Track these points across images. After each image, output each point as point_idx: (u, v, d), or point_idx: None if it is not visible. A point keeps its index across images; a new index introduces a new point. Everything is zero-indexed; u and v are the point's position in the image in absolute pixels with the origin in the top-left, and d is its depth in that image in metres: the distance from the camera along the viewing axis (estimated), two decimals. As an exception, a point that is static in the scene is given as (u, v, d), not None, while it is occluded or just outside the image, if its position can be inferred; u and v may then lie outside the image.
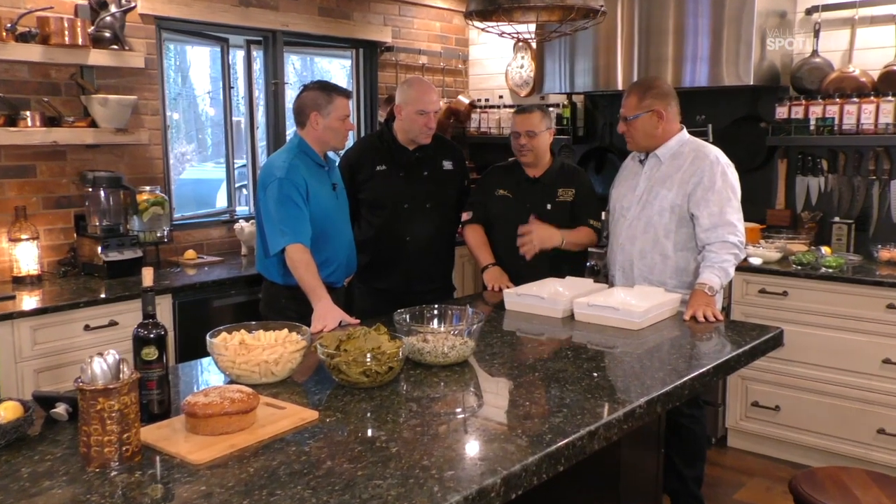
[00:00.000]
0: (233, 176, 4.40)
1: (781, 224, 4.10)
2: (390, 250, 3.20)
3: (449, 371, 2.00)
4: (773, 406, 3.65)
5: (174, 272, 3.55)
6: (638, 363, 2.09)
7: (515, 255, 3.15)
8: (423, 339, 2.04)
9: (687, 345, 2.32)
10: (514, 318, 2.63)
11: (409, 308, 2.23)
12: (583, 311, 2.53)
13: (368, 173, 3.19)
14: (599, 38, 4.24)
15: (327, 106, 2.77)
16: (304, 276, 2.61)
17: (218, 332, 1.97)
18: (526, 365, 2.07)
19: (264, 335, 1.98)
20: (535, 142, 3.12)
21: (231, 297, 3.45)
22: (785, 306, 3.55)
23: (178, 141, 5.26)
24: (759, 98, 4.14)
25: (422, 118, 3.08)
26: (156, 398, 1.65)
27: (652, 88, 2.85)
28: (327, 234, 2.80)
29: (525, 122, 3.12)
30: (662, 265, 2.84)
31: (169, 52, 4.57)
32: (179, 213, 4.08)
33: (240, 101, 4.49)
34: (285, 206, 2.67)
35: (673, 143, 2.86)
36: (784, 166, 4.11)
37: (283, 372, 1.91)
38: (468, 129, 5.23)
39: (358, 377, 1.83)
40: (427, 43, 5.12)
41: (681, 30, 3.96)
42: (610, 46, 4.22)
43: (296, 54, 5.18)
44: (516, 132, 3.15)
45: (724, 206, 2.74)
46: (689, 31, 3.94)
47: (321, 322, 2.46)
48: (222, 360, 1.90)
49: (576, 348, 2.27)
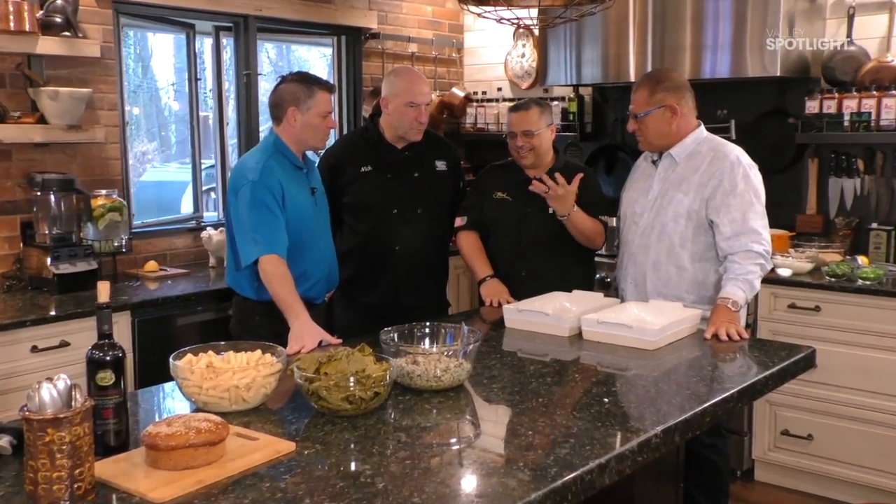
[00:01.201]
0: (199, 178, 4.39)
1: (813, 231, 4.12)
2: (376, 261, 3.20)
3: (442, 397, 2.00)
4: (806, 435, 3.65)
5: (133, 286, 3.54)
6: (653, 387, 2.10)
7: (516, 266, 3.16)
8: (413, 360, 2.04)
9: (708, 366, 2.32)
10: (515, 336, 2.63)
11: (398, 326, 2.23)
12: (592, 328, 2.53)
13: (352, 175, 3.19)
14: (609, 25, 4.26)
15: (307, 100, 2.77)
16: (279, 291, 2.61)
17: (183, 353, 1.97)
18: (528, 390, 2.07)
19: (235, 357, 1.97)
20: (535, 141, 3.11)
21: (197, 314, 3.44)
22: (817, 323, 3.56)
23: (138, 139, 5.25)
24: (786, 91, 4.17)
25: (412, 111, 3.09)
26: (112, 428, 1.64)
27: (663, 81, 2.87)
28: (306, 243, 2.80)
29: (521, 121, 3.10)
30: (678, 278, 2.85)
31: (128, 39, 4.57)
32: (139, 219, 4.07)
33: (207, 94, 4.50)
34: (259, 212, 2.67)
35: (689, 141, 2.88)
36: (815, 166, 4.14)
37: (256, 398, 1.91)
38: (463, 126, 5.24)
39: (340, 404, 1.83)
40: (417, 29, 5.14)
41: (700, 15, 3.99)
42: (621, 33, 4.25)
43: (270, 42, 5.19)
44: (512, 132, 3.13)
45: (747, 211, 2.75)
46: (708, 16, 3.96)
47: (299, 342, 2.45)
48: (187, 385, 1.89)
49: (584, 371, 2.27)
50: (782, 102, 4.20)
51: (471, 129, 5.23)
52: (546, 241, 3.16)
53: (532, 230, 3.17)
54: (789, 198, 4.19)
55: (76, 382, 1.50)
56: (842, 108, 3.86)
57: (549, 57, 4.53)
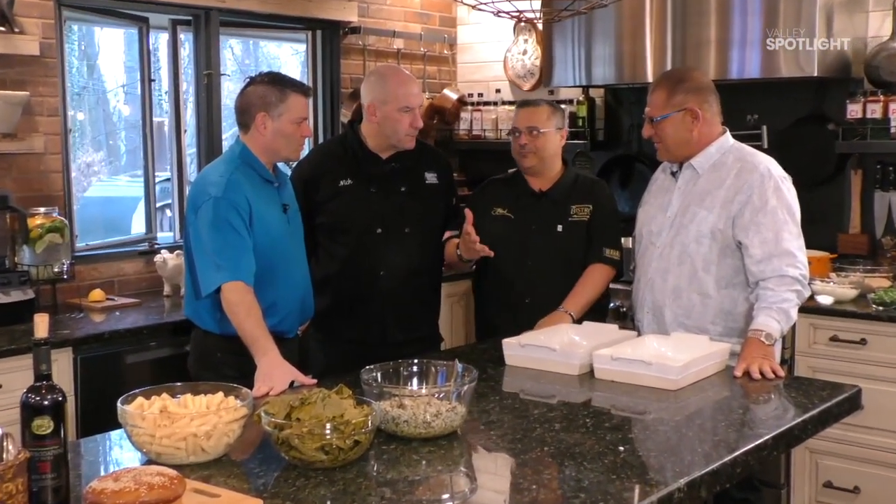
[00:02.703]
0: (153, 193, 4.39)
1: (857, 252, 4.13)
2: (358, 289, 3.20)
3: (432, 446, 1.99)
4: (852, 487, 3.65)
5: (76, 318, 3.53)
6: (676, 433, 2.10)
7: (519, 293, 3.17)
8: (399, 404, 2.04)
9: (738, 409, 2.33)
10: (517, 375, 2.63)
11: (381, 364, 2.23)
12: (605, 366, 2.54)
13: (329, 190, 3.20)
14: (623, 18, 4.29)
15: (279, 105, 2.79)
16: (244, 324, 2.61)
17: (133, 396, 1.96)
18: (532, 437, 2.07)
19: (193, 400, 1.97)
20: (540, 142, 3.16)
21: (150, 350, 3.42)
22: (863, 358, 3.57)
23: (82, 148, 5.27)
24: (825, 93, 4.20)
25: (407, 117, 3.10)
26: (50, 484, 1.63)
27: (684, 81, 2.89)
28: (276, 268, 2.80)
29: (528, 117, 3.18)
30: (702, 306, 2.86)
31: (72, 34, 4.60)
32: (83, 241, 4.07)
33: (163, 96, 4.52)
34: (222, 233, 2.67)
35: (713, 150, 2.90)
36: (859, 179, 4.16)
37: (218, 448, 1.90)
38: (456, 133, 5.27)
39: (314, 454, 1.82)
40: (404, 23, 5.17)
41: (726, 7, 4.02)
42: (637, 28, 4.28)
43: (235, 37, 5.23)
44: (516, 129, 3.20)
45: (780, 230, 2.77)
46: (735, 8, 4.00)
47: (267, 383, 2.45)
48: (138, 433, 1.88)
49: (596, 415, 2.27)
50: (820, 106, 4.23)
51: (465, 136, 5.24)
52: (553, 264, 3.18)
53: (537, 251, 3.19)
54: (829, 215, 4.21)
55: (8, 431, 1.50)
56: (888, 113, 3.89)
57: (555, 54, 4.56)
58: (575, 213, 3.21)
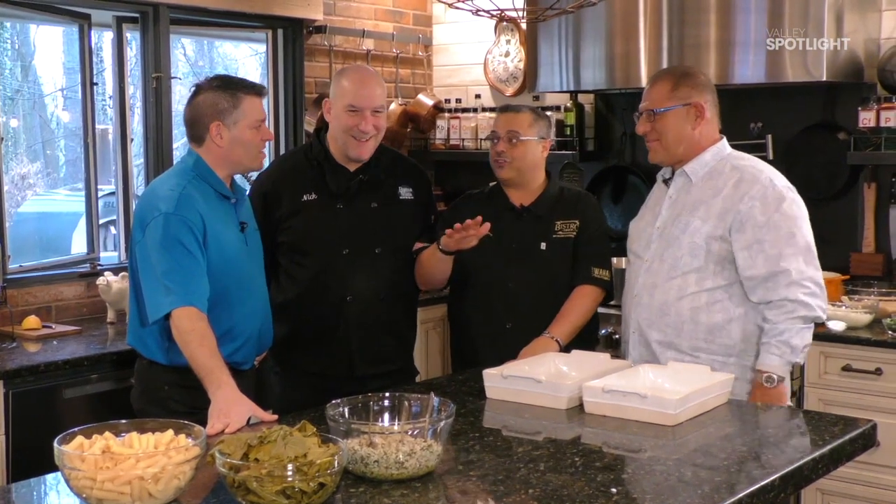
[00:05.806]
0: (95, 209, 4.37)
1: (871, 274, 4.16)
2: (322, 316, 3.19)
3: (405, 488, 1.99)
4: (867, 532, 3.67)
5: (7, 348, 3.51)
6: (674, 473, 2.11)
7: (500, 318, 3.18)
8: (369, 442, 2.04)
9: (742, 446, 2.34)
10: (499, 409, 2.63)
11: (349, 398, 2.23)
12: (596, 399, 2.54)
13: (291, 205, 3.20)
14: (615, 17, 4.33)
15: (232, 111, 2.79)
16: (196, 353, 2.59)
17: (71, 435, 1.95)
18: (515, 478, 2.07)
19: (139, 439, 1.96)
20: (519, 151, 3.17)
21: (91, 383, 3.41)
22: (878, 390, 3.59)
23: (16, 159, 5.24)
24: (835, 99, 4.25)
25: (351, 118, 3.08)
26: (-21, 534, 1.63)
27: (689, 76, 2.93)
28: (232, 293, 2.80)
29: (509, 121, 3.20)
30: (693, 324, 2.87)
31: (4, 32, 4.58)
32: (16, 262, 4.04)
33: (107, 102, 4.51)
34: (172, 253, 2.66)
35: (708, 157, 2.93)
36: (872, 193, 4.20)
37: (167, 493, 1.89)
38: (432, 142, 5.28)
39: (275, 498, 1.82)
40: (374, 21, 5.20)
41: (727, 5, 4.06)
42: (629, 29, 4.32)
43: (188, 36, 5.23)
44: (495, 133, 3.21)
45: (783, 248, 2.79)
46: (737, 7, 4.03)
47: (222, 419, 2.43)
48: (77, 476, 1.87)
49: (586, 453, 2.28)
50: (830, 114, 4.28)
51: (442, 146, 5.26)
52: (537, 286, 3.19)
53: (519, 272, 3.19)
54: (841, 232, 4.24)
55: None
56: (904, 121, 3.94)
57: (541, 56, 4.59)
58: (560, 229, 3.23)
